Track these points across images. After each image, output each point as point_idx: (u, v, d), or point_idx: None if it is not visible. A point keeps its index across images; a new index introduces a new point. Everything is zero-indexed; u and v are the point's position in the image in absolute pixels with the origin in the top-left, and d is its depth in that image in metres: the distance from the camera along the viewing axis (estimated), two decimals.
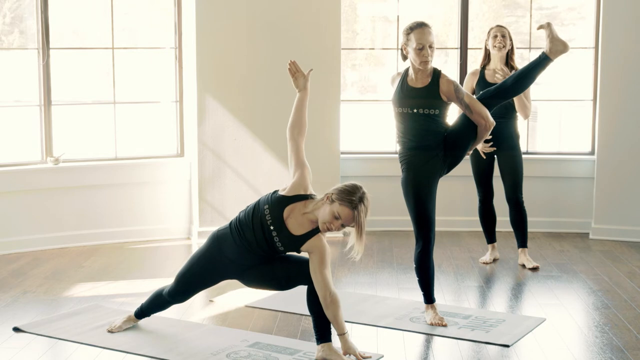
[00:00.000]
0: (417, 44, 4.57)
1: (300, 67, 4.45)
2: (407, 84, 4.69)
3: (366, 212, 4.00)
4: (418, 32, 4.57)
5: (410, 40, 4.60)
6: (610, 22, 6.86)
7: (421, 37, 4.56)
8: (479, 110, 4.59)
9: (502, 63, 6.00)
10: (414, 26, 4.61)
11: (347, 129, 7.33)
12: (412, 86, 4.67)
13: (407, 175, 4.70)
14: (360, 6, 7.87)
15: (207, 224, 6.79)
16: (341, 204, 3.97)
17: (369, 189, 4.07)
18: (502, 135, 5.94)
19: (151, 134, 7.39)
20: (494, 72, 6.02)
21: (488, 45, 6.04)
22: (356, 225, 3.98)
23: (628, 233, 6.93)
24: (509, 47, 5.99)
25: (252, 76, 6.83)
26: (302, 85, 4.42)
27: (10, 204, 6.47)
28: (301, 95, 4.40)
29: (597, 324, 4.79)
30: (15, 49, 6.89)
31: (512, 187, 6.01)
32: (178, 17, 6.97)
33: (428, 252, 4.72)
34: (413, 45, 4.58)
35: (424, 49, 4.56)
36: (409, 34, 4.61)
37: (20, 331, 4.57)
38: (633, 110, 6.89)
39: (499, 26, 6.03)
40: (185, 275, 4.32)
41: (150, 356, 4.22)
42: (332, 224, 3.97)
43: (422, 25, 4.60)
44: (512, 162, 5.98)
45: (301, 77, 4.43)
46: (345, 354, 4.11)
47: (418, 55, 4.58)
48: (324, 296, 4.00)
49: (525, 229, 6.08)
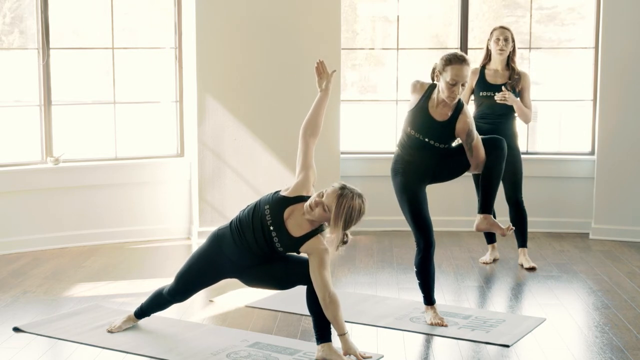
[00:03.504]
0: (452, 79, 4.48)
1: (327, 68, 4.41)
2: (427, 109, 4.61)
3: (352, 201, 3.94)
4: (456, 67, 4.46)
5: (446, 71, 4.49)
6: (610, 22, 6.86)
7: (458, 74, 4.47)
8: (479, 156, 4.60)
9: (503, 64, 6.01)
10: (454, 60, 4.49)
11: (347, 129, 7.33)
12: (431, 116, 4.60)
13: (400, 179, 4.72)
14: (360, 6, 7.87)
15: (207, 224, 6.79)
16: (331, 189, 4.00)
17: (369, 189, 4.08)
18: (501, 135, 5.94)
19: (151, 134, 7.39)
20: (494, 72, 6.02)
21: (490, 45, 6.03)
22: (336, 207, 3.93)
23: (628, 233, 6.93)
24: (511, 50, 5.98)
25: (252, 76, 6.83)
26: (324, 86, 4.37)
27: (10, 204, 6.47)
28: (321, 95, 4.35)
29: (597, 324, 4.79)
30: (15, 49, 6.89)
31: (511, 187, 6.00)
32: (178, 17, 6.97)
33: (429, 256, 4.71)
34: (447, 78, 4.48)
35: (456, 86, 4.49)
36: (447, 66, 4.49)
37: (20, 331, 4.57)
38: (633, 110, 6.89)
39: (502, 28, 6.01)
40: (185, 274, 4.33)
41: (150, 356, 4.22)
42: (316, 204, 3.96)
43: (462, 61, 4.49)
44: (512, 162, 5.98)
45: (325, 77, 4.39)
46: (346, 354, 4.11)
47: (448, 89, 4.50)
48: (323, 297, 4.00)
49: (525, 229, 6.09)
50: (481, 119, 6.01)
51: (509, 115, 5.99)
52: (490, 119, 5.99)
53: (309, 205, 3.99)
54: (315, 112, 4.32)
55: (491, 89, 6.00)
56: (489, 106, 6.00)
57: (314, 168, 4.22)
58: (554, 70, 6.12)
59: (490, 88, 6.01)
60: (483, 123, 5.98)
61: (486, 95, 6.02)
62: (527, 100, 6.03)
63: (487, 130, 5.96)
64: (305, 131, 4.28)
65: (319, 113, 4.32)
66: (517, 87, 5.98)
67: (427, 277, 4.74)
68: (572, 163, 7.24)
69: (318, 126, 4.30)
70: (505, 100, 5.90)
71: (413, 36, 7.65)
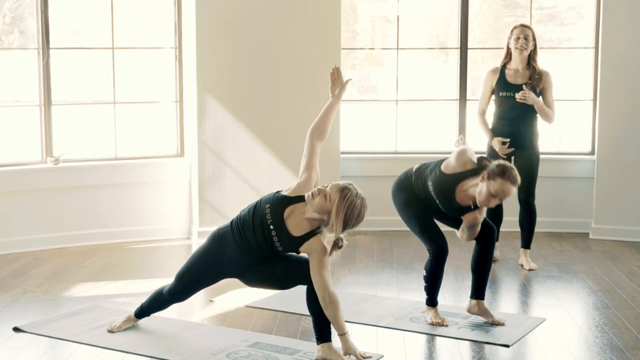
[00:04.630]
0: (496, 192, 4.41)
1: (342, 75, 4.43)
2: (455, 188, 4.56)
3: (355, 198, 3.95)
4: (507, 186, 4.41)
5: (495, 181, 4.40)
6: (610, 22, 6.86)
7: (504, 191, 4.42)
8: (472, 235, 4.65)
9: (524, 64, 5.94)
10: (509, 178, 4.41)
11: (347, 129, 7.33)
12: (454, 193, 4.57)
13: (404, 195, 4.79)
14: (360, 6, 7.87)
15: (207, 224, 6.79)
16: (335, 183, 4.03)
17: (369, 189, 4.09)
18: (520, 134, 5.92)
19: (151, 134, 7.39)
20: (514, 72, 5.96)
21: (510, 44, 5.97)
22: (339, 198, 3.94)
23: (628, 233, 6.93)
24: (532, 48, 5.92)
25: (252, 76, 6.83)
26: (337, 92, 4.41)
27: (10, 204, 6.47)
28: (332, 101, 4.39)
29: (597, 324, 4.79)
30: (15, 49, 6.89)
31: (525, 187, 5.90)
32: (178, 17, 6.97)
33: (442, 263, 4.72)
34: (492, 187, 4.40)
35: (496, 199, 4.45)
36: (499, 177, 4.40)
37: (20, 331, 4.57)
38: (633, 110, 6.89)
39: (523, 26, 5.95)
40: (185, 274, 4.33)
41: (150, 356, 4.22)
42: (318, 191, 3.97)
43: (514, 183, 4.43)
44: (529, 162, 5.95)
45: (339, 84, 4.42)
46: (346, 354, 4.11)
47: (487, 198, 4.44)
48: (323, 297, 4.01)
49: (532, 231, 6.05)
50: (501, 119, 5.98)
51: (530, 116, 5.94)
52: (511, 119, 5.94)
53: (311, 193, 3.98)
54: (324, 117, 4.35)
55: (511, 88, 5.94)
56: (509, 106, 5.95)
57: (317, 170, 4.23)
58: (554, 70, 6.11)
59: (510, 88, 5.95)
60: (503, 124, 5.95)
61: (506, 96, 5.95)
62: (549, 99, 5.96)
63: (507, 133, 5.93)
64: (313, 133, 4.30)
65: (328, 118, 4.35)
66: (537, 87, 5.92)
67: (435, 282, 4.75)
68: (572, 163, 7.24)
69: (326, 130, 4.33)
70: (526, 100, 5.84)
71: (413, 36, 7.65)
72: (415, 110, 8.04)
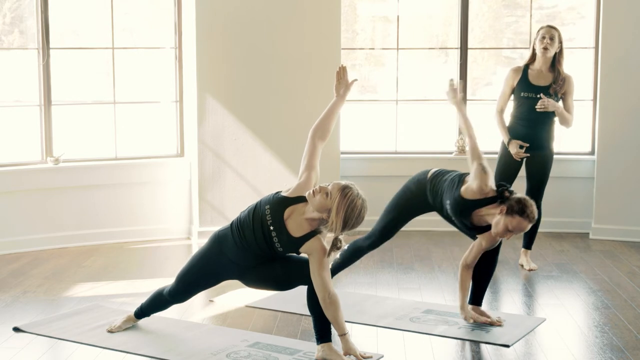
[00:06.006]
0: (513, 227, 4.45)
1: (347, 75, 4.42)
2: (473, 208, 4.60)
3: (356, 197, 3.94)
4: (524, 223, 4.44)
5: (513, 217, 4.44)
6: (610, 22, 6.86)
7: (520, 228, 4.47)
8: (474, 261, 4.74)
9: (547, 65, 5.87)
10: (528, 216, 4.46)
11: (347, 129, 7.33)
12: (471, 215, 4.62)
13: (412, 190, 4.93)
14: (360, 6, 7.87)
15: (207, 224, 6.79)
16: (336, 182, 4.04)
17: (369, 189, 4.09)
18: (537, 136, 5.86)
19: (151, 134, 7.39)
20: (538, 73, 5.87)
21: (535, 44, 5.87)
22: (340, 197, 3.93)
23: (628, 233, 6.93)
24: (557, 50, 5.84)
25: (252, 76, 6.83)
26: (341, 92, 4.40)
27: (10, 204, 6.47)
28: (336, 101, 4.39)
29: (597, 324, 4.79)
30: (15, 49, 6.89)
31: (535, 188, 5.89)
32: (178, 17, 6.97)
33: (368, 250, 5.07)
34: (510, 224, 4.45)
35: (512, 233, 4.49)
36: (518, 215, 4.44)
37: (20, 331, 4.57)
38: (633, 110, 6.88)
39: (550, 27, 5.87)
40: (186, 275, 4.32)
41: (150, 356, 4.22)
42: (320, 189, 3.97)
43: (531, 220, 4.47)
44: (543, 163, 5.90)
45: (344, 84, 4.41)
46: (346, 354, 4.11)
47: (503, 231, 4.48)
48: (323, 297, 4.01)
49: (535, 232, 6.04)
50: (519, 119, 5.91)
51: (549, 119, 5.87)
52: (529, 120, 5.87)
53: (312, 191, 3.97)
54: (327, 116, 4.34)
55: (533, 90, 5.86)
56: (528, 107, 5.86)
57: (317, 170, 4.21)
58: None
59: (532, 89, 5.86)
60: (521, 125, 5.89)
61: (527, 97, 5.87)
62: (569, 104, 5.90)
63: (524, 134, 5.88)
64: (315, 133, 4.28)
65: (331, 117, 4.34)
66: (560, 91, 5.85)
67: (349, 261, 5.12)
68: (572, 163, 7.23)
69: (328, 130, 4.32)
70: (546, 109, 5.78)
71: (413, 36, 7.65)
72: (415, 110, 8.04)
